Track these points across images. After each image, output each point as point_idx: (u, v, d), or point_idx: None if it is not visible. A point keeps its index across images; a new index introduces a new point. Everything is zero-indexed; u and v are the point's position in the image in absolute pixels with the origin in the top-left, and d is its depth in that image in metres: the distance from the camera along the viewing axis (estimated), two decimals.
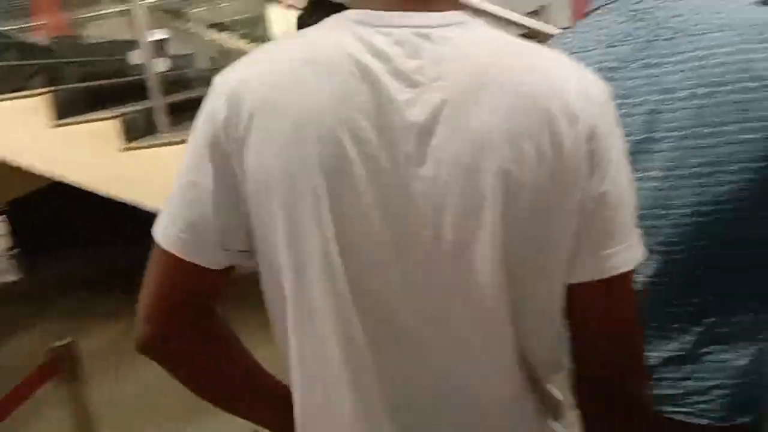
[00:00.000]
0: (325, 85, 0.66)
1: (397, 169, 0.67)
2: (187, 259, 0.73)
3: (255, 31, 8.52)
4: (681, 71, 0.93)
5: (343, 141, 0.66)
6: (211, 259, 0.74)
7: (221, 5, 9.29)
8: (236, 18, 9.26)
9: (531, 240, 0.68)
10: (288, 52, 0.71)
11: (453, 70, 0.67)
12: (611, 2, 1.01)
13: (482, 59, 0.68)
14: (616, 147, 0.70)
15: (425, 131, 0.66)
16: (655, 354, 1.03)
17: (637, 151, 0.95)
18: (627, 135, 0.85)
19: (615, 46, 0.97)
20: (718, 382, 1.01)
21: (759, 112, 0.90)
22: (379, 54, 0.66)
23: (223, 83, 0.71)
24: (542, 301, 0.73)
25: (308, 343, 0.72)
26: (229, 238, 0.73)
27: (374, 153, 0.66)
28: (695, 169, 0.94)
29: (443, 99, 0.66)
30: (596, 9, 1.04)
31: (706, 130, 0.92)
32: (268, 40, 4.49)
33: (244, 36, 9.00)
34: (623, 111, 0.94)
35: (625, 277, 0.72)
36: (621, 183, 0.71)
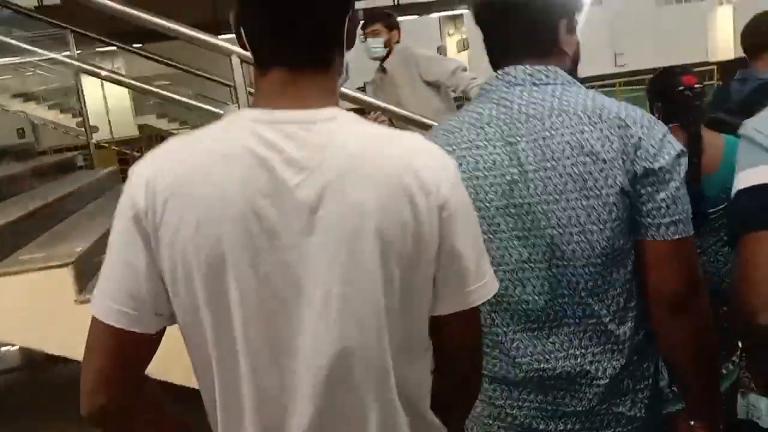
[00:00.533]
0: (230, 174, 0.81)
1: (293, 239, 0.81)
2: (129, 329, 0.84)
3: (68, 101, 7.99)
4: (532, 148, 1.11)
5: (248, 219, 0.80)
6: (148, 325, 0.85)
7: (28, 74, 8.63)
8: (46, 87, 8.64)
9: (402, 287, 0.85)
10: (197, 147, 0.85)
11: (332, 157, 0.82)
12: (485, 93, 1.20)
13: (355, 147, 0.84)
14: (464, 211, 0.88)
15: (313, 208, 0.81)
16: (557, 408, 1.17)
17: (502, 215, 1.13)
18: (492, 201, 1.12)
19: (483, 127, 1.16)
20: (611, 430, 1.17)
21: (594, 182, 1.08)
22: (273, 146, 0.81)
23: (142, 173, 0.84)
24: (417, 337, 0.91)
25: (228, 387, 0.86)
26: (160, 303, 0.85)
27: (274, 227, 0.81)
28: (547, 230, 1.11)
29: (326, 180, 0.81)
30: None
31: (551, 197, 1.10)
32: (82, 111, 4.20)
33: (54, 106, 8.40)
34: (489, 180, 1.14)
35: (477, 309, 0.93)
36: (470, 238, 0.90)
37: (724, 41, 16.84)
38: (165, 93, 4.13)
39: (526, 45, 1.17)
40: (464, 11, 15.22)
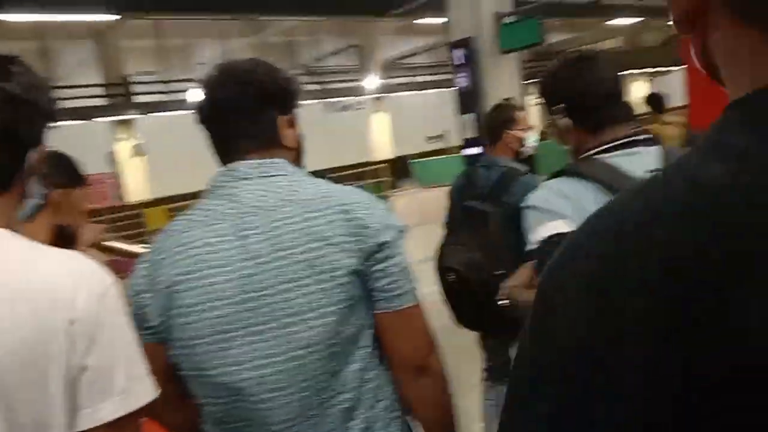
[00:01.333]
0: None
1: None
2: None
3: None
4: (264, 240, 1.12)
5: None
6: None
7: None
8: None
9: (30, 401, 0.83)
10: None
11: None
12: (214, 190, 1.21)
13: None
14: (105, 324, 0.87)
15: None
16: None
17: (240, 311, 1.11)
18: (229, 297, 1.10)
19: (214, 224, 1.15)
20: None
21: (325, 266, 1.11)
22: None
23: None
24: None
25: None
26: None
27: None
28: (285, 320, 1.11)
29: None
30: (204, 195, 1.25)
31: (286, 286, 1.11)
32: None
33: None
34: (223, 277, 1.12)
35: (132, 420, 0.88)
36: (109, 356, 0.87)
37: (382, 143, 19.05)
38: None
39: (250, 140, 1.21)
40: (136, 116, 14.77)
